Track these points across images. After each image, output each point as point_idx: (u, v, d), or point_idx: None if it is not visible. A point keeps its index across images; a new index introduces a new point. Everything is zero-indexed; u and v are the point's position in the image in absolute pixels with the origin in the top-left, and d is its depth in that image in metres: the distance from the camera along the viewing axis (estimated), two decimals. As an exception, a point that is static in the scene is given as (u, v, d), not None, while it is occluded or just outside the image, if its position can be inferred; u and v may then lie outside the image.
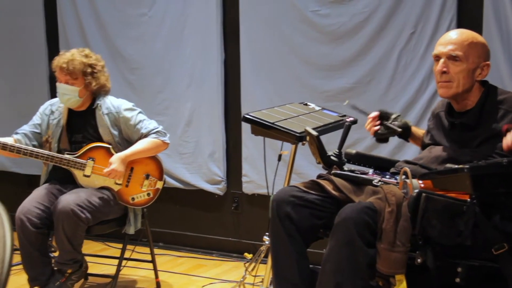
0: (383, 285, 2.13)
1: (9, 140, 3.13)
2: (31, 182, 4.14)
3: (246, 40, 3.90)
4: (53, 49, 4.49)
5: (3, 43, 4.68)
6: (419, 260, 2.04)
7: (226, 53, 4.03)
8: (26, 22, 4.59)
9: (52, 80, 4.41)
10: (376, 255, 2.07)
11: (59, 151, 3.19)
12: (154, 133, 3.22)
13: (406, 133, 2.62)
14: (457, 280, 2.06)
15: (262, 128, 2.80)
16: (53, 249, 3.17)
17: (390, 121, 2.56)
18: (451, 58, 2.31)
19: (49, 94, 4.49)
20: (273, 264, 2.39)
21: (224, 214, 4.19)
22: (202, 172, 4.12)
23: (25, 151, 3.08)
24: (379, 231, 2.08)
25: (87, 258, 3.29)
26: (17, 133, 3.22)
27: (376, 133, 2.57)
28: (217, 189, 4.12)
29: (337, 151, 2.50)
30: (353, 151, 2.67)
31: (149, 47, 4.19)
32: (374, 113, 2.59)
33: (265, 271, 2.93)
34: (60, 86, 3.16)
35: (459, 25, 3.27)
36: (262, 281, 2.98)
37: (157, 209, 3.47)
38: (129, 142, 3.24)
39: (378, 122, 2.57)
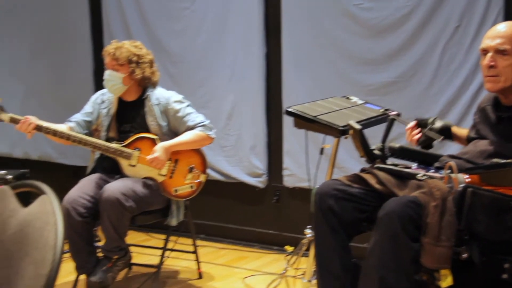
0: (427, 280, 2.11)
1: (62, 127, 3.22)
2: (77, 173, 4.23)
3: (288, 34, 3.91)
4: (98, 43, 4.60)
5: (50, 38, 4.80)
6: (464, 255, 2.02)
7: (268, 47, 4.04)
8: (71, 16, 4.70)
9: (97, 74, 4.52)
10: (421, 249, 2.06)
11: (107, 140, 3.26)
12: (200, 126, 3.25)
13: (448, 134, 2.59)
14: (504, 276, 2.03)
15: (305, 122, 2.81)
16: (97, 238, 3.24)
17: (428, 127, 2.54)
18: (499, 52, 2.26)
19: (94, 87, 4.58)
20: (316, 257, 2.40)
21: (265, 207, 4.22)
22: (243, 165, 4.15)
23: (74, 138, 3.16)
24: (423, 226, 2.07)
25: (131, 248, 3.34)
26: (70, 121, 3.30)
27: (418, 142, 2.55)
28: (258, 182, 4.14)
29: (381, 145, 2.49)
30: (397, 145, 2.64)
31: (191, 41, 4.23)
32: (411, 123, 2.58)
33: (306, 264, 2.94)
34: (106, 72, 3.24)
35: (507, 18, 3.20)
36: (303, 274, 2.98)
37: (199, 201, 3.51)
38: (175, 134, 3.28)
39: (418, 131, 2.55)
